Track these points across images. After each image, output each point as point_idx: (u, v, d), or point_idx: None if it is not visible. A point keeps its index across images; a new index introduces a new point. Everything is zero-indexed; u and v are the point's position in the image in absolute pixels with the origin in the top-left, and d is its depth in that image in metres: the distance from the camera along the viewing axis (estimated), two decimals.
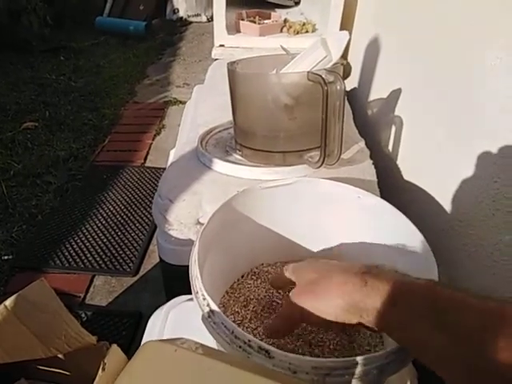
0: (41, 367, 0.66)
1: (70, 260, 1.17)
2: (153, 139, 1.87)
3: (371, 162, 0.68)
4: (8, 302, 0.54)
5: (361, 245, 0.47)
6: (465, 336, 0.24)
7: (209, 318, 0.34)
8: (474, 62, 0.54)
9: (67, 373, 0.67)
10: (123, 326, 0.97)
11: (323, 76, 0.51)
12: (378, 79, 0.97)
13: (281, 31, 1.27)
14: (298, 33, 1.24)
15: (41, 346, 0.55)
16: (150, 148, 1.80)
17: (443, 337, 0.25)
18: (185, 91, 2.35)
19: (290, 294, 0.35)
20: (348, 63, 0.62)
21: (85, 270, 1.15)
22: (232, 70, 0.60)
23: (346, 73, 0.61)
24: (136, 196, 1.46)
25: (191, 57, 2.97)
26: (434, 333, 0.25)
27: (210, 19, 3.71)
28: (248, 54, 1.15)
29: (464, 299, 0.25)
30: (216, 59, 1.20)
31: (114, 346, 0.48)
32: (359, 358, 0.29)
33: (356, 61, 1.11)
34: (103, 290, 1.10)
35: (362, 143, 0.73)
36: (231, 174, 0.62)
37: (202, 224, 0.59)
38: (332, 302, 0.31)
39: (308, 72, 0.52)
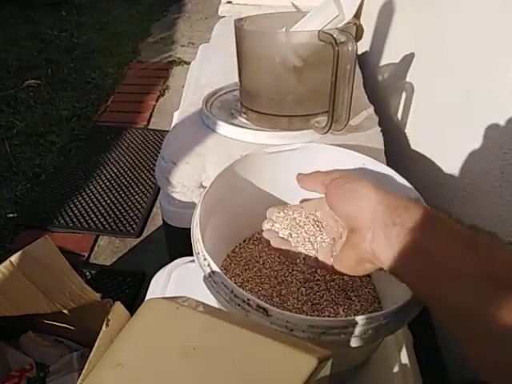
0: (47, 321, 0.68)
1: (75, 220, 1.19)
2: (156, 101, 1.84)
3: (379, 129, 0.66)
4: (13, 258, 0.55)
5: None
6: (500, 285, 0.22)
7: (209, 277, 0.34)
8: (490, 33, 0.52)
9: (72, 327, 0.69)
10: (127, 285, 0.99)
11: (335, 36, 0.49)
12: (390, 43, 0.93)
13: None
14: None
15: (46, 301, 0.56)
16: (153, 110, 1.78)
17: (477, 268, 0.23)
18: (190, 51, 2.29)
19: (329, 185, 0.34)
20: (360, 25, 0.60)
21: (89, 229, 1.16)
22: (239, 27, 0.57)
23: (358, 35, 0.58)
24: (139, 158, 1.46)
25: (197, 14, 2.86)
26: (469, 277, 0.23)
27: None
28: (257, 12, 1.11)
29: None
30: (223, 16, 1.15)
31: (118, 303, 0.50)
32: (357, 318, 0.30)
33: (369, 23, 1.06)
34: (107, 250, 1.12)
35: (371, 109, 0.71)
36: (236, 137, 0.61)
37: (205, 187, 0.59)
38: (375, 194, 0.29)
39: (319, 31, 0.50)
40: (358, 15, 0.99)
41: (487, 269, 0.23)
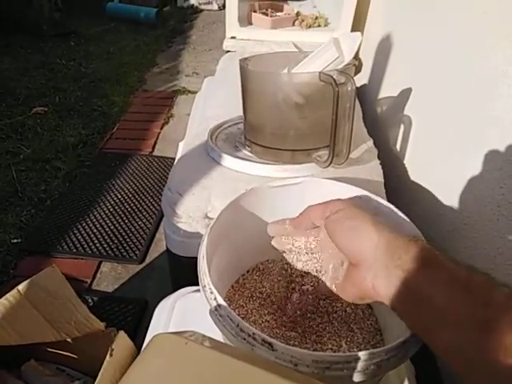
0: (49, 350, 0.68)
1: (78, 245, 1.20)
2: (161, 128, 1.88)
3: (379, 162, 0.68)
4: (21, 287, 0.56)
5: None
6: (495, 330, 0.23)
7: (215, 311, 0.35)
8: (486, 63, 0.54)
9: (74, 356, 0.69)
10: (129, 312, 0.99)
11: (334, 77, 0.51)
12: (388, 76, 0.97)
13: (293, 24, 1.26)
14: (310, 26, 1.24)
15: (51, 330, 0.57)
16: (158, 137, 1.82)
17: (473, 328, 0.24)
18: (194, 80, 2.35)
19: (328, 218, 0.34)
20: (359, 60, 0.63)
21: (92, 255, 1.17)
22: (244, 66, 0.60)
23: (358, 69, 0.61)
24: (143, 185, 1.48)
25: (201, 45, 2.96)
26: (464, 321, 0.24)
27: (222, 7, 3.68)
28: (259, 47, 1.15)
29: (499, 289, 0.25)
30: (227, 51, 1.20)
31: (122, 333, 0.50)
32: (360, 353, 0.31)
33: (367, 57, 1.11)
34: (110, 277, 1.12)
35: (371, 142, 0.73)
36: (240, 170, 0.63)
37: (210, 218, 0.60)
38: (374, 230, 0.30)
39: (320, 72, 0.53)
40: (356, 54, 1.03)
41: (481, 313, 0.24)
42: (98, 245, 1.20)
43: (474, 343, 0.23)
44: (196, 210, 0.60)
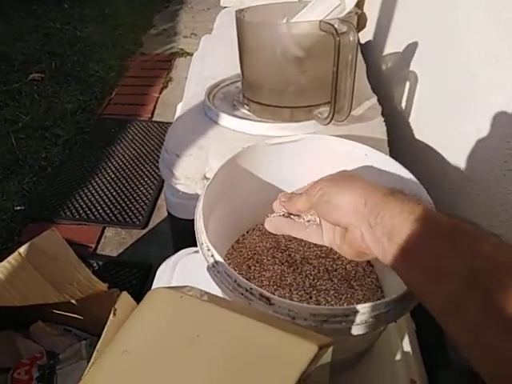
0: (55, 311, 0.70)
1: (81, 212, 1.20)
2: (160, 93, 1.84)
3: (382, 119, 0.66)
4: (22, 250, 0.56)
5: None
6: (483, 267, 0.22)
7: (213, 267, 0.35)
8: (493, 15, 0.51)
9: (80, 317, 0.70)
10: (133, 276, 1.01)
11: (336, 26, 0.48)
12: (394, 31, 0.92)
13: None
14: None
15: (54, 292, 0.58)
16: (157, 102, 1.78)
17: (461, 266, 0.23)
18: (192, 42, 2.28)
19: (320, 179, 0.35)
20: (363, 13, 0.60)
21: (95, 221, 1.18)
22: (240, 18, 0.57)
23: (361, 24, 0.58)
24: (144, 150, 1.46)
25: (199, 4, 2.84)
26: (451, 260, 0.24)
27: None
28: (259, 2, 1.10)
29: (485, 236, 0.24)
30: (225, 7, 1.15)
31: (124, 293, 0.50)
32: (358, 306, 0.30)
33: (372, 11, 1.05)
34: (114, 241, 1.13)
35: (374, 99, 0.71)
36: (238, 129, 0.61)
37: (209, 178, 0.59)
38: (350, 195, 0.30)
39: (320, 21, 0.50)
40: (360, 4, 0.97)
41: (468, 266, 0.23)
42: (100, 211, 1.21)
43: (465, 301, 0.22)
44: (194, 171, 0.59)
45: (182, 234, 0.69)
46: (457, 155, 0.60)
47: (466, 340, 0.23)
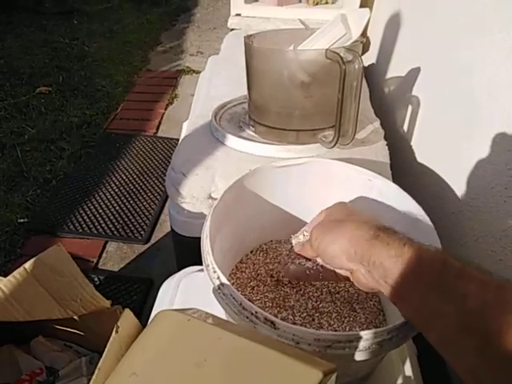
0: (57, 327, 0.70)
1: (84, 225, 1.21)
2: (165, 109, 1.87)
3: (385, 142, 0.67)
4: (27, 265, 0.57)
5: None
6: (474, 309, 0.24)
7: (218, 289, 0.35)
8: (495, 42, 0.53)
9: (81, 333, 0.70)
10: (134, 291, 1.01)
11: (341, 54, 0.50)
12: (397, 56, 0.94)
13: (300, 1, 1.23)
14: (317, 3, 1.20)
15: (58, 307, 0.58)
16: (162, 118, 1.80)
17: (451, 309, 0.24)
18: (198, 60, 2.32)
19: (316, 226, 0.37)
20: (367, 38, 0.61)
21: (98, 235, 1.18)
22: (249, 44, 0.59)
23: (365, 48, 0.59)
24: (148, 166, 1.48)
25: (206, 24, 2.90)
26: (440, 303, 0.25)
27: None
28: (265, 25, 1.13)
29: (473, 273, 0.25)
30: (232, 29, 1.18)
31: (127, 311, 0.51)
32: (361, 333, 0.31)
33: (376, 35, 1.08)
34: (115, 256, 1.13)
35: (377, 123, 0.72)
36: (244, 150, 0.62)
37: (214, 198, 0.60)
38: (341, 244, 0.33)
39: (326, 49, 0.51)
40: (364, 31, 1.00)
41: (460, 308, 0.24)
42: (103, 225, 1.21)
43: (457, 340, 0.24)
44: (200, 191, 0.60)
45: (185, 252, 0.69)
46: (458, 180, 0.61)
47: (466, 377, 0.24)
